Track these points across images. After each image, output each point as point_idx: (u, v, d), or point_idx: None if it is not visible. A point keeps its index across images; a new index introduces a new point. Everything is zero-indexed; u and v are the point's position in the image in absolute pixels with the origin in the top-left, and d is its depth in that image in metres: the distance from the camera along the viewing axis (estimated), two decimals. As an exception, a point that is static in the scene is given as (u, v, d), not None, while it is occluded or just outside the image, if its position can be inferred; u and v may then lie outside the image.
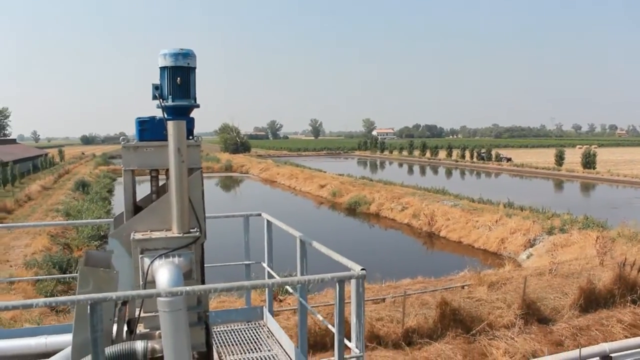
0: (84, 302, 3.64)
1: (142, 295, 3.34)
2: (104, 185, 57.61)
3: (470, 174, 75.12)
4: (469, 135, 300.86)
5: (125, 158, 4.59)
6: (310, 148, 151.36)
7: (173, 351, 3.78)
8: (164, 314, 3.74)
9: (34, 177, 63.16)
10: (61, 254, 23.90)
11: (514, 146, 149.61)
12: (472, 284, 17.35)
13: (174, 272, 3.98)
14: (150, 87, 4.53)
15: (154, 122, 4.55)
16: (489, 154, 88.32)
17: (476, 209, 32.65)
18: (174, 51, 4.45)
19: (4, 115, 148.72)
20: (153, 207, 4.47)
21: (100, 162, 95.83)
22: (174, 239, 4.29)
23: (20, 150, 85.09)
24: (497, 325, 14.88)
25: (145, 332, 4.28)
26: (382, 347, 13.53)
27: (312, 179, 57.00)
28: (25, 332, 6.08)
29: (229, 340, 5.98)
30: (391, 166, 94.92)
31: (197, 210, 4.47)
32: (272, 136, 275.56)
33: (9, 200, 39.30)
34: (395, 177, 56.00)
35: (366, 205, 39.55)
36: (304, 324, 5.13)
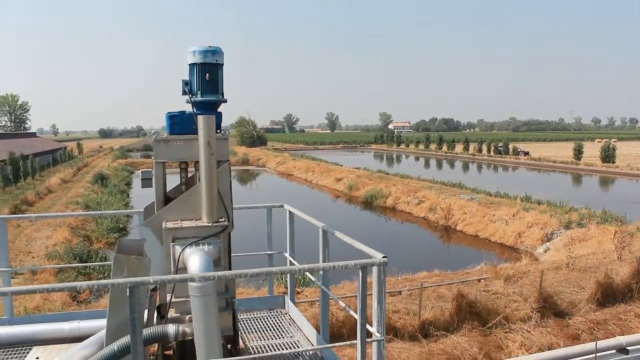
0: (122, 287, 3.87)
1: (177, 280, 3.55)
2: (122, 178, 58.11)
3: (487, 168, 74.70)
4: (486, 128, 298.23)
5: (157, 151, 4.80)
6: (326, 141, 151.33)
7: (203, 334, 3.99)
8: (195, 298, 3.96)
9: (54, 170, 63.97)
10: (81, 245, 24.38)
11: (531, 140, 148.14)
12: (489, 277, 17.42)
13: (205, 259, 4.20)
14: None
15: (183, 117, 4.77)
16: (506, 147, 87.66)
17: (493, 203, 32.59)
18: (202, 48, 4.64)
19: (24, 109, 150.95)
20: (183, 198, 4.69)
21: (118, 156, 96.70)
22: (204, 227, 4.51)
23: (40, 144, 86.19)
24: (514, 318, 14.95)
25: (176, 316, 4.51)
26: (398, 339, 13.67)
27: (328, 172, 57.12)
28: (59, 317, 6.35)
29: (252, 327, 6.19)
30: (407, 160, 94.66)
31: (225, 201, 4.69)
32: (289, 129, 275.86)
33: (30, 193, 39.96)
34: (412, 171, 55.90)
35: (382, 199, 39.62)
36: (326, 311, 5.33)
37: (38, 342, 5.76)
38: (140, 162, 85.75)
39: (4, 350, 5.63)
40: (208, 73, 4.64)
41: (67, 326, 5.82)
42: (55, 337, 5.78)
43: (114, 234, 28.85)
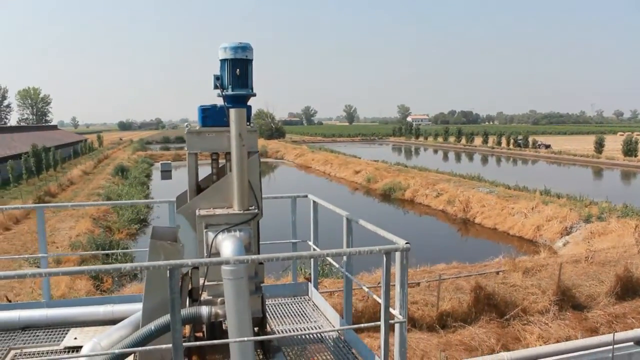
0: (158, 271, 4.14)
1: (213, 263, 3.78)
2: (142, 170, 58.70)
3: (506, 161, 74.19)
4: (506, 121, 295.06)
5: (189, 142, 5.05)
6: (344, 134, 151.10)
7: (235, 315, 4.24)
8: (228, 281, 4.20)
9: (75, 162, 64.84)
10: (103, 236, 24.86)
11: (551, 133, 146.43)
12: (507, 269, 17.48)
13: (237, 244, 4.45)
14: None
15: (215, 110, 5.01)
16: (526, 140, 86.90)
17: (512, 196, 32.51)
18: (233, 45, 4.88)
19: (46, 102, 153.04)
20: (215, 187, 4.94)
21: (137, 148, 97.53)
22: (235, 215, 4.76)
23: (61, 136, 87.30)
24: (532, 310, 15.03)
25: (209, 299, 4.76)
26: (416, 330, 13.84)
27: (346, 164, 57.24)
28: (94, 301, 6.66)
29: (276, 313, 6.44)
30: (426, 153, 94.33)
31: (255, 190, 4.93)
32: (307, 122, 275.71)
33: (52, 185, 40.69)
34: (430, 164, 55.78)
35: (401, 191, 39.71)
36: (349, 296, 5.55)
37: (75, 324, 6.06)
38: (160, 154, 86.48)
39: (44, 331, 5.95)
40: (238, 68, 4.87)
41: (102, 309, 6.12)
42: (90, 320, 6.08)
43: (135, 225, 29.37)
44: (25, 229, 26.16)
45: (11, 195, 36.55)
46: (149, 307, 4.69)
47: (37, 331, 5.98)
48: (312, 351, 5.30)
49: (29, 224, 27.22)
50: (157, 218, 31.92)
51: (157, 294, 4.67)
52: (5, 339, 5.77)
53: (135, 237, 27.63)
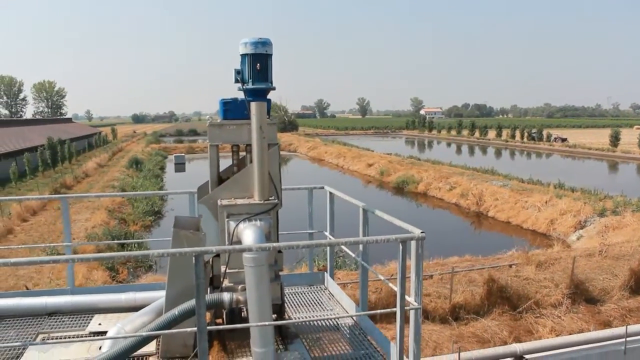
0: (181, 259, 4.31)
1: (236, 250, 3.94)
2: (156, 162, 59.02)
3: (520, 155, 73.74)
4: (520, 114, 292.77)
5: (211, 134, 5.21)
6: (357, 127, 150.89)
7: (256, 301, 4.41)
8: (249, 268, 4.37)
9: (89, 154, 65.24)
10: (118, 227, 25.16)
11: (566, 126, 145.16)
12: (520, 263, 17.51)
13: (258, 233, 4.62)
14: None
15: (236, 103, 5.18)
16: (540, 134, 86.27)
17: (525, 190, 32.41)
18: (254, 40, 5.03)
19: (61, 95, 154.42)
20: (236, 178, 5.11)
21: (151, 140, 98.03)
22: (256, 205, 4.94)
23: (76, 129, 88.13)
24: (544, 303, 15.06)
25: (230, 285, 4.94)
26: (429, 322, 13.95)
27: (359, 157, 57.26)
28: (116, 288, 6.87)
29: (293, 301, 6.60)
30: (439, 146, 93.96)
31: (274, 181, 5.09)
32: (320, 115, 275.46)
33: (68, 177, 41.14)
34: (444, 157, 55.63)
35: (414, 185, 39.71)
36: (365, 285, 5.71)
37: (98, 311, 6.27)
38: (173, 146, 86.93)
39: (70, 317, 6.17)
40: (259, 63, 5.02)
41: (124, 297, 6.32)
42: (113, 307, 6.28)
43: (150, 217, 29.68)
44: (42, 220, 26.55)
45: (27, 188, 37.02)
46: (172, 294, 4.87)
47: (62, 317, 6.19)
48: (329, 338, 5.45)
49: (46, 215, 27.63)
50: (172, 210, 32.23)
51: (180, 281, 4.85)
52: (33, 324, 6.00)
53: (150, 229, 27.92)
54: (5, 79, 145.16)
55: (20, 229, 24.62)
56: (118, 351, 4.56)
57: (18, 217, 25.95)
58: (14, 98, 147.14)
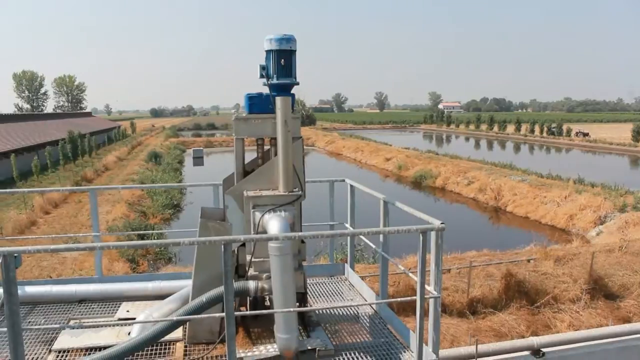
0: (208, 248, 4.49)
1: (263, 239, 4.10)
2: (175, 156, 59.57)
3: (539, 149, 73.10)
4: (539, 109, 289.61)
5: (237, 128, 5.39)
6: (375, 121, 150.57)
7: (281, 289, 4.58)
8: (274, 257, 4.54)
9: (109, 148, 66.01)
10: (139, 220, 25.51)
11: (587, 121, 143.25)
12: (538, 258, 17.48)
13: (283, 223, 4.80)
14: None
15: (261, 98, 5.36)
16: (560, 128, 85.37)
17: (544, 185, 32.22)
18: (278, 36, 5.21)
19: (80, 89, 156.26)
20: (262, 170, 5.30)
21: (169, 134, 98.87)
22: (281, 196, 5.12)
23: (96, 123, 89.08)
24: (562, 299, 15.04)
25: (255, 274, 5.12)
26: (447, 315, 14.02)
27: (377, 152, 57.24)
28: (142, 277, 7.09)
29: (314, 291, 6.76)
30: (457, 140, 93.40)
31: (298, 173, 5.26)
32: (337, 109, 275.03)
33: (88, 170, 41.73)
34: (462, 152, 55.37)
35: (432, 179, 39.69)
36: (385, 275, 5.85)
37: (126, 298, 6.49)
38: (192, 140, 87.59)
39: (98, 304, 6.40)
40: (283, 59, 5.19)
41: (151, 285, 6.53)
42: (140, 295, 6.50)
43: (169, 210, 30.06)
44: (64, 212, 27.01)
45: (49, 181, 37.62)
46: (199, 282, 5.06)
47: (91, 304, 6.42)
48: (350, 327, 5.61)
49: (68, 208, 28.10)
50: (191, 204, 32.61)
51: (206, 270, 5.04)
52: (64, 311, 6.23)
53: (169, 222, 28.24)
54: (27, 74, 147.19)
55: (43, 221, 25.08)
56: (147, 336, 4.75)
57: (40, 210, 26.43)
58: (35, 93, 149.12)
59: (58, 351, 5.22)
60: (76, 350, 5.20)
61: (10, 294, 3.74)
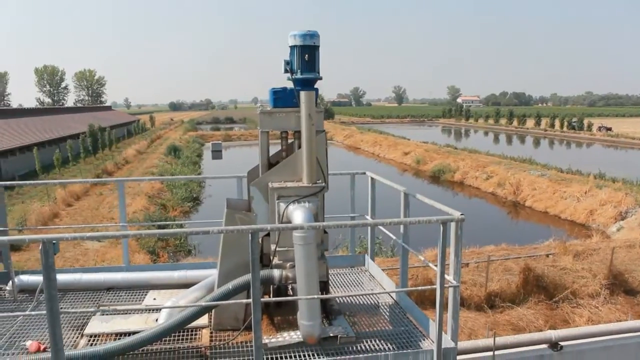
0: (233, 238, 4.65)
1: (288, 228, 4.25)
2: (194, 150, 60.06)
3: (559, 144, 72.40)
4: (560, 103, 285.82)
5: (262, 121, 5.56)
6: (393, 115, 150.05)
7: (304, 277, 4.74)
8: (298, 246, 4.70)
9: (128, 141, 66.73)
10: (159, 213, 25.85)
11: (608, 115, 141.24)
12: (557, 253, 17.45)
13: (307, 213, 4.97)
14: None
15: (285, 92, 5.52)
16: (581, 123, 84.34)
17: (564, 180, 32.00)
18: (302, 33, 5.37)
19: (100, 83, 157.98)
20: (286, 162, 5.46)
21: (188, 128, 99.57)
22: (304, 188, 5.28)
23: (115, 117, 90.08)
24: (581, 294, 15.02)
25: (279, 263, 5.28)
26: (464, 309, 14.10)
27: (395, 146, 57.21)
28: (167, 267, 7.30)
29: (335, 282, 6.91)
30: (476, 135, 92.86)
31: (322, 165, 5.41)
32: (355, 103, 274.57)
33: (109, 163, 42.29)
34: (481, 146, 55.10)
35: (450, 173, 39.63)
36: (405, 265, 5.98)
37: (152, 287, 6.69)
38: (210, 134, 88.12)
39: (126, 292, 6.61)
40: (307, 54, 5.35)
41: (176, 274, 6.72)
42: (166, 283, 6.69)
43: (188, 203, 30.40)
44: (85, 205, 27.48)
45: (71, 174, 38.21)
46: (224, 270, 5.23)
47: (119, 292, 6.63)
48: (370, 315, 5.74)
49: (89, 200, 28.59)
50: (209, 197, 32.97)
51: (231, 259, 5.22)
52: (93, 298, 6.46)
53: (189, 215, 28.54)
54: (48, 68, 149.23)
55: (65, 213, 25.55)
56: (174, 322, 4.93)
57: (63, 202, 26.91)
58: (56, 87, 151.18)
59: (89, 336, 5.43)
60: (106, 335, 5.40)
61: (49, 279, 3.93)
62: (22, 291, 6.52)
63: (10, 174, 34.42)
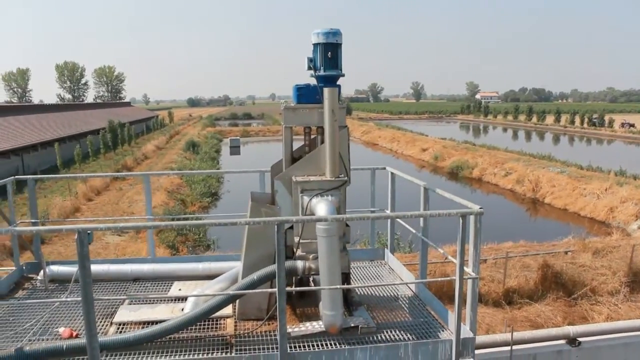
0: (257, 230, 4.82)
1: (313, 220, 4.39)
2: (212, 146, 60.44)
3: (579, 141, 71.59)
4: (580, 99, 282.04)
5: (286, 117, 5.71)
6: (411, 111, 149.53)
7: (327, 268, 4.89)
8: (322, 238, 4.85)
9: (147, 137, 67.34)
10: (178, 208, 26.16)
11: (630, 111, 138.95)
12: (576, 250, 17.38)
13: (330, 206, 5.13)
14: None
15: (309, 89, 5.66)
16: (602, 119, 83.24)
17: (584, 177, 31.75)
18: (325, 30, 5.51)
19: (120, 79, 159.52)
20: (309, 157, 5.62)
21: (207, 124, 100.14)
22: (327, 181, 5.43)
23: (134, 112, 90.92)
24: (601, 291, 14.96)
25: (302, 255, 5.44)
26: (482, 305, 14.13)
27: (413, 142, 57.10)
28: (191, 259, 7.50)
29: (356, 274, 7.05)
30: (495, 131, 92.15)
31: (344, 160, 5.55)
32: (373, 99, 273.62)
33: (128, 159, 42.77)
34: (499, 142, 54.73)
35: (468, 170, 39.52)
36: (425, 258, 6.10)
37: (177, 278, 6.89)
38: (228, 130, 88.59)
39: (152, 283, 6.82)
40: (330, 52, 5.48)
41: (201, 266, 6.91)
42: (191, 275, 6.89)
43: (207, 198, 30.71)
44: (105, 200, 27.91)
45: (91, 169, 38.77)
46: (249, 262, 5.40)
47: (145, 283, 6.84)
48: (390, 307, 5.88)
49: (109, 195, 29.03)
50: (228, 192, 33.27)
51: (256, 250, 5.38)
52: (120, 288, 6.67)
53: (207, 210, 28.81)
54: (68, 64, 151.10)
55: (86, 207, 25.96)
56: (200, 312, 5.10)
57: (83, 197, 27.35)
58: (77, 83, 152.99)
59: (118, 324, 5.64)
60: (134, 324, 5.60)
61: (84, 267, 4.12)
62: (52, 281, 6.77)
63: (33, 168, 35.05)
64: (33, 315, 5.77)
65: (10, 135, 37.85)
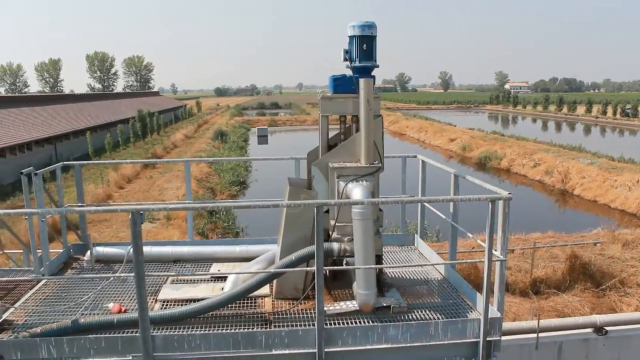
0: (296, 213, 5.10)
1: (349, 203, 4.66)
2: (240, 135, 60.98)
3: (611, 132, 70.20)
4: (613, 89, 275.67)
5: (322, 106, 6.00)
6: (439, 101, 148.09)
7: (362, 250, 5.17)
8: (357, 221, 5.13)
9: (176, 126, 68.21)
10: (207, 196, 26.58)
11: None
12: (605, 241, 17.29)
13: (365, 191, 5.41)
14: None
15: (345, 79, 5.94)
16: (635, 110, 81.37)
17: (615, 168, 31.32)
18: (360, 23, 5.79)
19: (148, 69, 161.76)
20: (345, 144, 5.90)
21: (234, 113, 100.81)
22: (362, 168, 5.71)
23: (163, 102, 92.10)
24: (630, 282, 14.88)
25: (338, 237, 5.73)
26: (509, 294, 14.23)
27: (441, 132, 56.81)
28: (228, 242, 7.84)
29: (386, 259, 7.30)
30: (524, 122, 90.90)
31: (378, 147, 5.81)
32: (401, 89, 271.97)
33: (158, 147, 43.49)
34: (528, 133, 54.06)
35: (497, 160, 39.28)
36: (455, 242, 6.34)
37: (215, 260, 7.24)
38: (256, 119, 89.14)
39: (192, 264, 7.18)
40: (365, 44, 5.74)
41: (238, 248, 7.25)
42: (229, 257, 7.22)
43: (235, 187, 31.17)
44: (136, 187, 28.55)
45: (121, 157, 39.48)
46: (287, 244, 5.71)
47: (185, 264, 7.21)
48: (420, 289, 6.14)
49: (139, 183, 29.69)
50: (255, 181, 33.72)
51: (294, 233, 5.69)
52: (162, 269, 7.05)
53: (236, 198, 29.22)
54: (98, 55, 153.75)
55: (117, 195, 26.61)
56: (239, 290, 5.43)
57: (115, 185, 28.05)
58: (107, 73, 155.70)
59: (162, 301, 6.00)
60: (177, 301, 5.96)
61: (137, 245, 4.46)
62: (97, 261, 7.18)
63: (65, 157, 35.95)
64: (83, 292, 6.17)
65: (44, 124, 38.88)
